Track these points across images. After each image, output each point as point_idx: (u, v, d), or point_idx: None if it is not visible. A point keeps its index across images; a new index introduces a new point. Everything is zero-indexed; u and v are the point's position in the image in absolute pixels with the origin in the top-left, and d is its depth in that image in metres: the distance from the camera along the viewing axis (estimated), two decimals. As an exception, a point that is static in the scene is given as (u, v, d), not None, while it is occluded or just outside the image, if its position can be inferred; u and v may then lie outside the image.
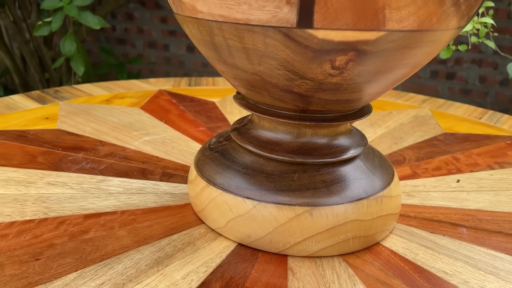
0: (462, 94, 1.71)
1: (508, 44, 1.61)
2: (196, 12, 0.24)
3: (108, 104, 0.56)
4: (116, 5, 1.65)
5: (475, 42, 0.72)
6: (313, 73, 0.24)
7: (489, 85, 1.67)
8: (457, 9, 0.23)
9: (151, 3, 1.89)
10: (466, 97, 1.71)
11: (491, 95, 1.69)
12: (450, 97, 1.72)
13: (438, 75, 1.71)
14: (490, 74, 1.66)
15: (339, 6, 0.21)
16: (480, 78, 1.68)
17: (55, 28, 0.83)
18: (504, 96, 1.67)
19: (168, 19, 1.90)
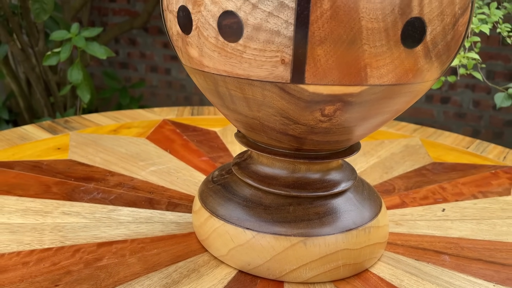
0: (457, 118, 1.75)
1: (501, 70, 1.66)
2: (203, 66, 0.28)
3: (115, 134, 0.59)
4: (120, 31, 1.70)
5: (463, 73, 0.76)
6: (306, 120, 0.28)
7: (483, 109, 1.72)
8: (430, 66, 0.27)
9: (153, 29, 1.94)
10: (460, 121, 1.75)
11: (485, 118, 1.73)
12: (445, 120, 1.76)
13: (433, 99, 1.75)
14: (483, 99, 1.70)
15: (327, 66, 0.24)
16: (473, 102, 1.72)
17: (63, 58, 0.87)
18: (498, 119, 1.71)
19: (170, 45, 1.96)
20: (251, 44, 0.25)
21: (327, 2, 0.23)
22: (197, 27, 0.26)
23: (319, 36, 0.23)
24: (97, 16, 1.98)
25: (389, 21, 0.23)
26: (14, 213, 0.38)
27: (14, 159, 0.49)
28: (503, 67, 1.65)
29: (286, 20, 0.23)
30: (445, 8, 0.25)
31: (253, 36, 0.24)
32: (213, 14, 0.25)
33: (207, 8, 0.25)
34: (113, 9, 1.97)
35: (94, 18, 1.98)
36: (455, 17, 0.26)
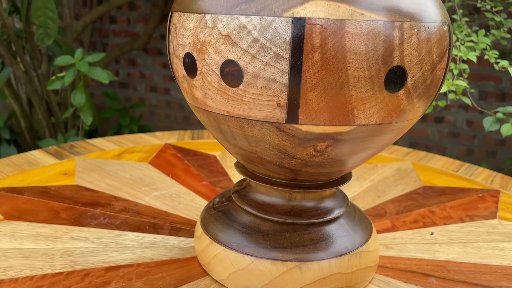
0: (451, 137, 1.79)
1: (493, 90, 1.70)
2: (207, 106, 0.31)
3: (119, 159, 0.61)
4: (120, 52, 1.74)
5: (453, 98, 0.79)
6: (300, 154, 0.30)
7: (476, 128, 1.75)
8: (412, 106, 0.29)
9: (153, 50, 1.98)
10: (454, 140, 1.79)
11: (479, 138, 1.76)
12: (439, 139, 1.80)
13: (428, 119, 1.78)
14: (476, 119, 1.74)
15: (318, 109, 0.27)
16: (467, 122, 1.75)
17: (67, 83, 0.90)
18: (491, 139, 1.74)
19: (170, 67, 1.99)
20: (250, 89, 0.27)
21: (318, 54, 0.26)
22: (202, 72, 0.29)
23: (311, 83, 0.26)
24: (98, 37, 2.02)
25: (373, 70, 0.26)
26: (26, 238, 0.40)
27: (23, 184, 0.51)
28: (495, 87, 1.69)
29: (282, 69, 0.26)
30: (424, 56, 0.28)
31: (252, 83, 0.27)
32: (216, 62, 0.28)
33: (211, 57, 0.28)
34: (114, 30, 2.01)
35: (95, 39, 2.02)
36: (433, 64, 0.28)
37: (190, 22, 0.29)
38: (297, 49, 0.26)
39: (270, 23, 0.26)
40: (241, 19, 0.26)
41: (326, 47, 0.25)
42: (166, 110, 2.05)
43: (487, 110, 1.73)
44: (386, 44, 0.26)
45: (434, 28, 0.28)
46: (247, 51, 0.27)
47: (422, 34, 0.27)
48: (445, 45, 0.29)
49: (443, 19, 0.29)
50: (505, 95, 1.69)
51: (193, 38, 0.29)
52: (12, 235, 0.41)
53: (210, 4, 0.28)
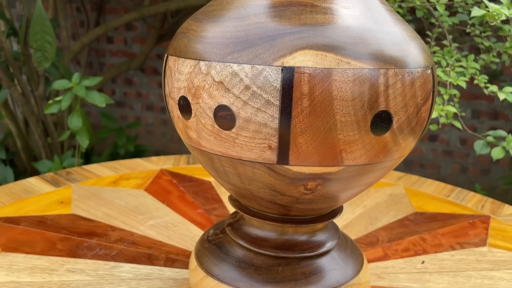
0: (445, 155, 1.80)
1: (485, 109, 1.72)
2: (201, 146, 0.32)
3: (115, 186, 0.62)
4: (117, 72, 1.75)
5: (444, 122, 0.81)
6: (291, 192, 0.31)
7: (470, 147, 1.77)
8: (398, 147, 0.31)
9: (150, 69, 2.00)
10: (448, 158, 1.80)
11: (472, 156, 1.78)
12: (433, 157, 1.81)
13: (422, 138, 1.80)
14: (470, 137, 1.76)
15: (308, 151, 0.28)
16: (460, 140, 1.77)
17: (64, 107, 0.91)
18: (485, 157, 1.76)
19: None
20: (243, 133, 0.28)
21: (306, 101, 0.27)
22: (196, 115, 0.30)
23: (300, 128, 0.27)
24: (95, 57, 2.04)
25: (360, 115, 0.28)
26: (23, 271, 0.41)
27: (20, 214, 0.52)
28: (488, 106, 1.72)
29: (272, 115, 0.27)
30: (408, 101, 0.29)
31: (244, 126, 0.28)
32: (210, 107, 0.29)
33: (205, 101, 0.29)
34: (111, 50, 2.03)
35: (92, 59, 2.04)
36: (417, 106, 0.30)
37: (185, 67, 0.30)
38: (286, 96, 0.27)
39: (261, 72, 0.27)
40: (234, 67, 0.28)
41: (314, 94, 0.27)
42: (162, 129, 2.06)
43: (480, 127, 1.76)
44: (372, 90, 0.27)
45: (418, 73, 0.29)
46: (239, 97, 0.28)
47: (406, 80, 0.28)
48: (429, 88, 0.30)
49: (426, 63, 0.31)
50: (497, 114, 1.72)
51: (187, 82, 0.30)
52: (9, 267, 0.41)
53: (204, 51, 0.29)
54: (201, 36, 0.30)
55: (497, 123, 1.72)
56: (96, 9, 1.89)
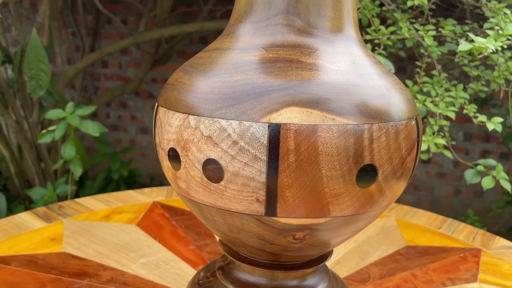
0: (439, 177, 1.81)
1: (477, 132, 1.74)
2: (190, 195, 0.32)
3: (107, 221, 0.62)
4: (112, 96, 1.76)
5: (435, 151, 0.82)
6: (280, 242, 0.32)
7: (463, 169, 1.78)
8: (385, 197, 0.31)
9: (144, 93, 2.02)
10: (442, 180, 1.81)
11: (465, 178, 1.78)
12: (427, 179, 1.82)
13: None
14: (463, 159, 1.77)
15: (295, 204, 0.29)
16: (453, 162, 1.79)
17: (58, 136, 0.91)
18: (477, 179, 1.77)
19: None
20: (231, 186, 0.29)
21: (292, 156, 0.27)
22: (185, 167, 0.30)
23: (287, 182, 0.28)
24: (90, 81, 2.05)
25: (345, 169, 0.28)
26: (12, 316, 0.41)
27: (10, 253, 0.52)
28: (479, 129, 1.73)
29: (260, 169, 0.28)
30: (393, 153, 0.30)
31: (232, 180, 0.29)
32: (199, 160, 0.29)
33: (194, 154, 0.29)
34: (106, 74, 2.05)
35: (87, 82, 2.05)
36: (402, 158, 0.30)
37: (175, 120, 0.31)
38: (273, 152, 0.27)
39: (248, 128, 0.28)
40: (222, 122, 0.28)
41: (300, 150, 0.27)
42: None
43: (472, 150, 1.77)
44: (357, 145, 0.28)
45: (402, 125, 0.30)
46: (227, 151, 0.28)
47: (390, 133, 0.29)
48: (414, 139, 0.31)
49: (411, 114, 0.31)
50: (489, 137, 1.73)
51: (177, 135, 0.30)
52: (-2, 312, 0.41)
53: (193, 106, 0.30)
54: (190, 90, 0.30)
55: (489, 146, 1.74)
56: (91, 34, 1.91)
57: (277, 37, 0.31)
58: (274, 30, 0.31)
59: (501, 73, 0.90)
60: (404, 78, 1.76)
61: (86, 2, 1.86)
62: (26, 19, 2.01)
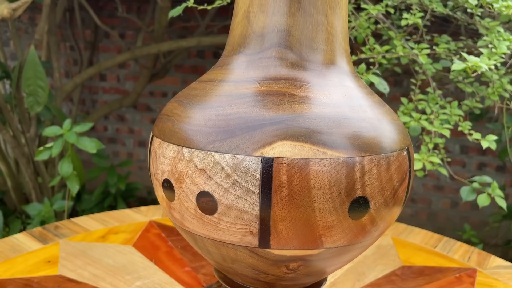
0: (436, 190, 1.82)
1: (473, 145, 1.75)
2: (184, 226, 0.32)
3: (103, 242, 0.62)
4: (110, 110, 1.77)
5: (430, 169, 0.82)
6: (274, 272, 0.32)
7: (460, 181, 1.78)
8: (377, 228, 0.31)
9: (142, 106, 2.02)
10: (439, 193, 1.81)
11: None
12: (424, 192, 1.82)
13: (412, 173, 1.82)
14: (460, 172, 1.78)
15: (288, 236, 0.29)
16: (450, 175, 1.79)
17: (55, 154, 0.91)
18: (474, 192, 1.78)
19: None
20: (224, 218, 0.29)
21: (285, 190, 0.28)
22: (179, 198, 0.31)
23: (280, 215, 0.28)
24: (88, 94, 2.06)
25: (338, 202, 0.28)
26: None
27: (6, 276, 0.52)
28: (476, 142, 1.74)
29: (253, 202, 0.28)
30: (385, 185, 0.30)
31: (226, 213, 0.29)
32: (192, 192, 0.30)
33: (188, 186, 0.30)
34: (103, 87, 2.05)
35: (85, 96, 2.06)
36: (394, 189, 0.31)
37: (169, 152, 0.31)
38: (266, 185, 0.28)
39: (242, 161, 0.28)
40: (215, 155, 0.29)
41: (293, 183, 0.28)
42: (154, 165, 2.06)
43: (469, 163, 1.78)
44: (348, 178, 0.28)
45: (393, 157, 0.30)
46: (220, 184, 0.29)
47: (382, 165, 0.30)
48: (405, 169, 0.32)
49: (402, 145, 0.32)
50: (485, 150, 1.74)
51: (171, 166, 0.31)
52: None
53: (187, 138, 0.30)
54: (185, 122, 0.31)
55: (485, 159, 1.75)
56: (90, 48, 1.91)
57: (270, 70, 0.31)
58: (267, 63, 0.31)
59: (495, 89, 0.90)
60: (400, 92, 1.77)
61: (85, 16, 1.87)
62: (25, 33, 2.03)
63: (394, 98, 1.80)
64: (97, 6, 1.92)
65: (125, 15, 1.66)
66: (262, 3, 0.32)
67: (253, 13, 0.32)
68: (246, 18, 0.32)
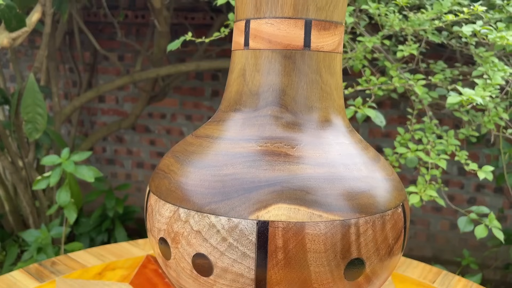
0: (434, 212, 1.81)
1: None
2: (180, 284, 0.32)
3: (100, 279, 0.62)
4: (108, 132, 1.77)
5: (428, 199, 0.82)
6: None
7: (458, 203, 1.78)
8: (373, 285, 0.31)
9: (141, 127, 2.03)
10: (437, 214, 1.81)
11: (461, 213, 1.79)
12: (423, 214, 1.82)
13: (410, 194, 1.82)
14: (458, 193, 1.78)
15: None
16: (449, 197, 1.79)
17: (53, 183, 0.91)
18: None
19: (156, 142, 2.03)
20: (220, 280, 0.29)
21: (281, 254, 0.28)
22: (175, 258, 0.31)
23: (275, 279, 0.28)
24: (86, 115, 2.07)
25: (333, 265, 0.29)
26: None
27: (1, 319, 0.51)
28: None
29: (248, 266, 0.28)
30: (380, 244, 0.30)
31: (221, 275, 0.29)
32: (188, 253, 0.30)
33: (183, 247, 0.30)
34: (102, 109, 2.06)
35: (84, 117, 2.07)
36: (389, 247, 0.31)
37: (165, 211, 0.31)
38: (262, 250, 0.28)
39: (237, 225, 0.28)
40: (211, 218, 0.29)
41: (288, 247, 0.28)
42: (153, 186, 2.06)
43: (467, 184, 1.78)
44: (344, 241, 0.28)
45: (388, 216, 0.31)
46: (216, 247, 0.29)
47: (377, 225, 0.30)
48: (400, 226, 0.32)
49: (397, 202, 0.32)
50: (483, 171, 1.74)
51: (167, 226, 0.31)
52: None
53: (183, 198, 0.30)
54: (181, 181, 0.31)
55: (483, 180, 1.75)
56: (89, 70, 1.93)
57: (265, 129, 0.32)
58: (262, 121, 0.32)
59: (491, 118, 0.91)
60: (397, 114, 1.78)
61: (84, 39, 1.88)
62: (24, 55, 2.04)
63: (391, 120, 1.81)
64: (97, 29, 1.94)
65: (124, 39, 1.68)
66: (257, 62, 0.32)
67: (249, 72, 0.33)
68: (242, 76, 0.33)
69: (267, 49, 0.32)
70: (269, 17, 0.31)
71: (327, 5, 0.32)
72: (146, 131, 2.02)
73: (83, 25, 1.62)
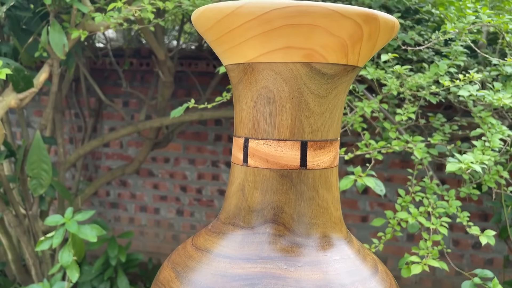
0: (440, 257, 1.79)
1: (475, 211, 1.74)
2: None
3: None
4: (112, 177, 1.79)
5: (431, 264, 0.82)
6: None
7: (463, 248, 1.77)
8: None
9: (144, 171, 2.04)
10: (443, 259, 1.79)
11: (466, 257, 1.77)
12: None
13: (414, 239, 1.80)
14: (463, 238, 1.76)
15: None
16: (453, 241, 1.78)
17: (56, 244, 0.92)
18: (479, 258, 1.76)
19: (160, 186, 2.04)
20: None
21: None
22: None
23: None
24: (91, 160, 2.09)
25: None
26: None
27: None
28: (477, 208, 1.74)
29: None
30: None
31: None
32: None
33: None
34: (106, 153, 2.08)
35: (88, 161, 2.09)
36: None
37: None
38: None
39: None
40: None
41: None
42: (156, 230, 2.06)
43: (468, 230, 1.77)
44: None
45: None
46: None
47: None
48: None
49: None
50: (487, 216, 1.74)
51: None
52: None
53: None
54: (181, 302, 0.32)
55: (487, 225, 1.74)
56: (94, 115, 1.96)
57: (264, 248, 0.32)
58: (261, 239, 0.33)
59: (491, 176, 0.92)
60: (399, 159, 1.79)
61: (90, 85, 1.93)
62: (32, 101, 2.08)
63: (393, 165, 1.82)
64: (102, 76, 1.98)
65: (129, 90, 1.72)
66: (255, 179, 0.33)
67: (247, 188, 0.34)
68: (241, 191, 0.34)
69: (265, 168, 0.33)
70: (266, 139, 0.33)
71: (322, 126, 0.33)
72: (150, 175, 2.04)
73: (88, 75, 1.66)
